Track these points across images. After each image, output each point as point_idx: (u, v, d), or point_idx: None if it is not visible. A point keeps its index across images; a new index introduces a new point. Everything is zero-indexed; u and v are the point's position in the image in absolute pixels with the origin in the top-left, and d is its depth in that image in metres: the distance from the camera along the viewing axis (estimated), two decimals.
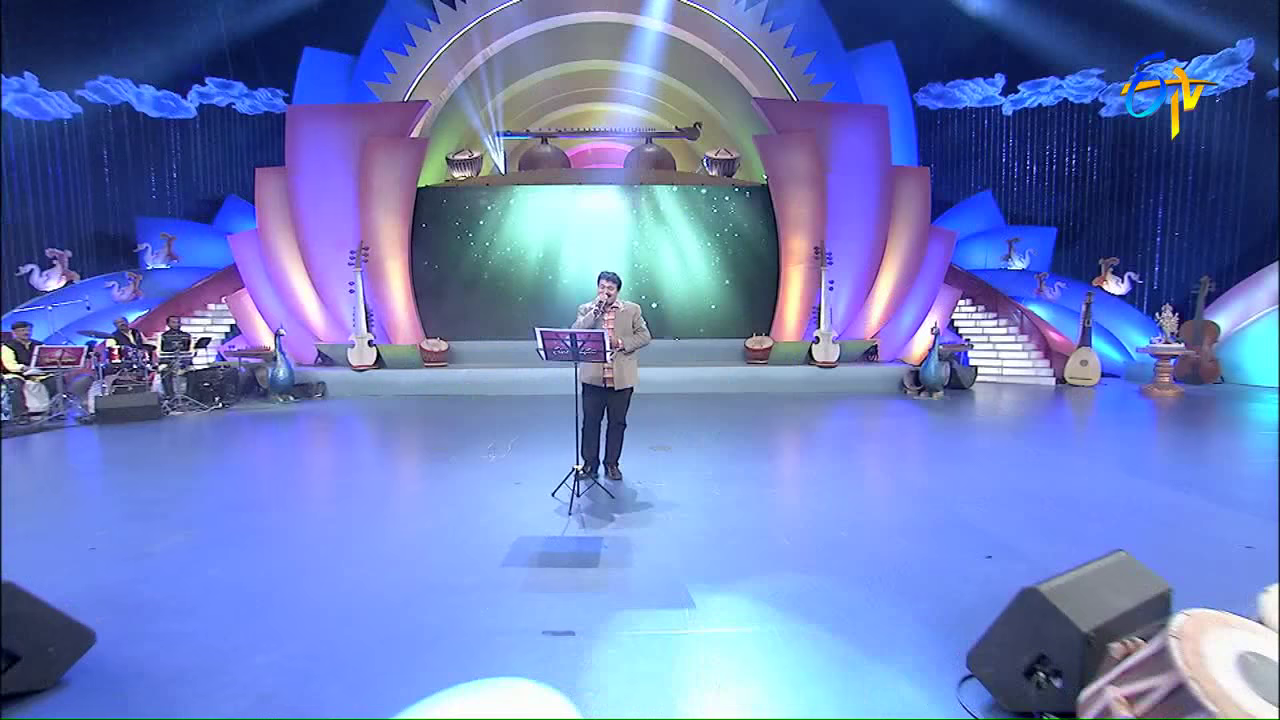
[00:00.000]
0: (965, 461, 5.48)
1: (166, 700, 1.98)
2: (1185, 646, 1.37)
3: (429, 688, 1.38)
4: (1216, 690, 1.29)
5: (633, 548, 3.33)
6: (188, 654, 2.25)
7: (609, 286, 4.36)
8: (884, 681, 2.10)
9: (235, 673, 2.15)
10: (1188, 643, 1.37)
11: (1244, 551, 3.26)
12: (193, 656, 2.24)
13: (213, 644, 2.33)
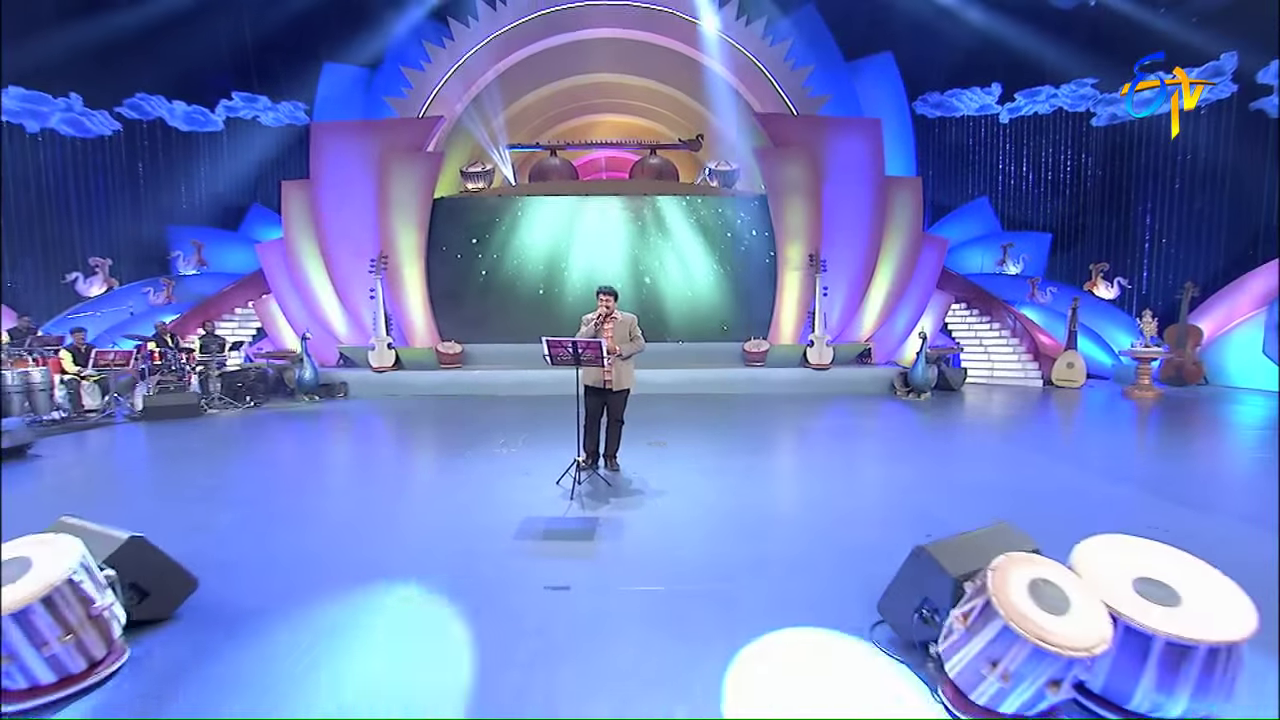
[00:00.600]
0: (934, 456, 5.99)
1: (257, 628, 2.56)
2: (995, 576, 1.89)
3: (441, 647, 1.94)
4: (1009, 603, 1.82)
5: (624, 526, 3.89)
6: (265, 598, 2.84)
7: (607, 300, 4.91)
8: (810, 628, 2.64)
9: (304, 611, 2.73)
10: (997, 574, 1.90)
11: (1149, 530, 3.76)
12: (270, 600, 2.83)
13: (283, 592, 2.92)
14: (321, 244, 10.92)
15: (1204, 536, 3.70)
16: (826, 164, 10.90)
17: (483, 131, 12.55)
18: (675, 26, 12.67)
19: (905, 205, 11.25)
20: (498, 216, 11.59)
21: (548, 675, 2.29)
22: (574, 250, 11.54)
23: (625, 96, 14.38)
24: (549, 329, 10.54)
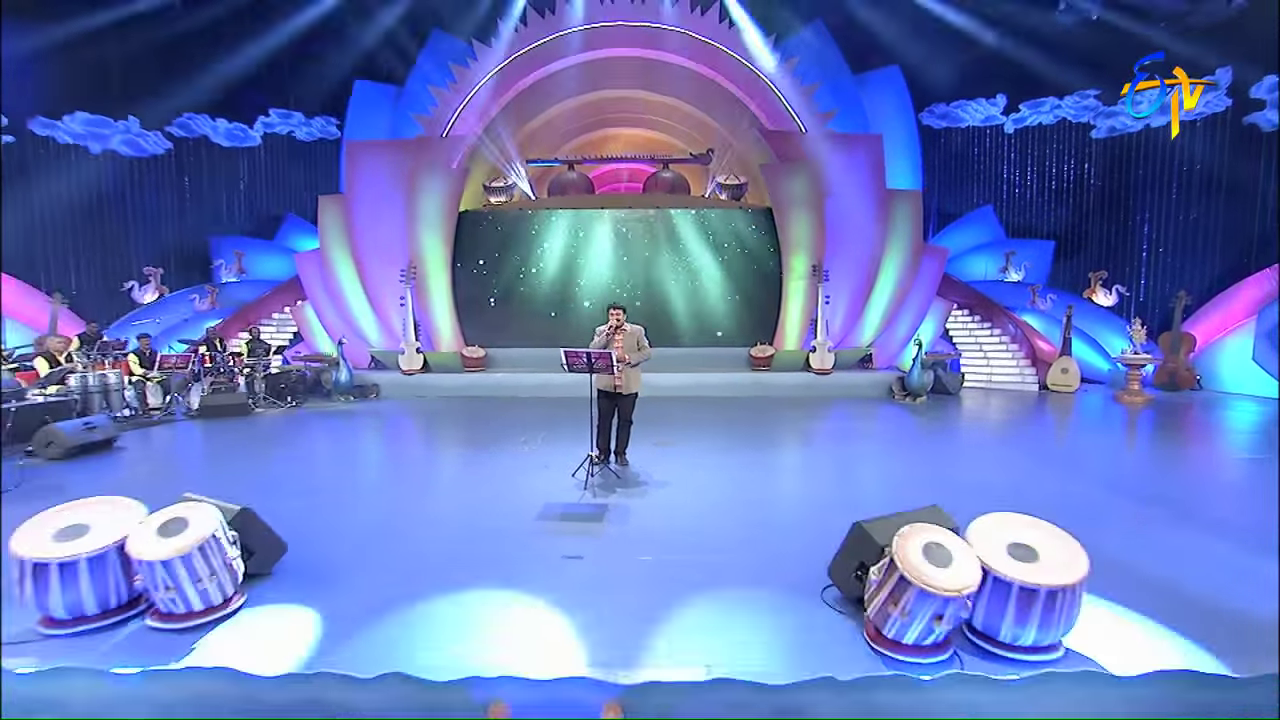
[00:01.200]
0: (918, 454, 6.57)
1: (340, 581, 3.27)
2: (899, 541, 2.51)
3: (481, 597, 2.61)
4: (906, 560, 2.43)
5: (629, 512, 4.55)
6: (342, 558, 3.55)
7: (617, 314, 5.58)
8: (776, 590, 3.28)
9: (374, 570, 3.43)
10: (901, 539, 2.52)
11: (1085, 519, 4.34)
12: (346, 559, 3.54)
13: (355, 555, 3.63)
14: (355, 254, 11.72)
15: (1122, 520, 4.28)
16: (830, 178, 11.46)
17: (503, 148, 13.27)
18: (688, 45, 13.31)
19: (906, 217, 11.76)
20: (518, 228, 12.33)
21: (564, 617, 2.96)
22: (590, 260, 12.24)
23: (640, 110, 15.01)
24: (566, 335, 11.31)
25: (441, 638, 2.79)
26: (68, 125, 12.34)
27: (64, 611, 2.65)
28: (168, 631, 2.74)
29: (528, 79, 13.54)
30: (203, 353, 10.01)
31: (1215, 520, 4.40)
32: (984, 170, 16.39)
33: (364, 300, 11.85)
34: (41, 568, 2.59)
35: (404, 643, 2.74)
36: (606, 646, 2.70)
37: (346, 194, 11.81)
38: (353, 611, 3.00)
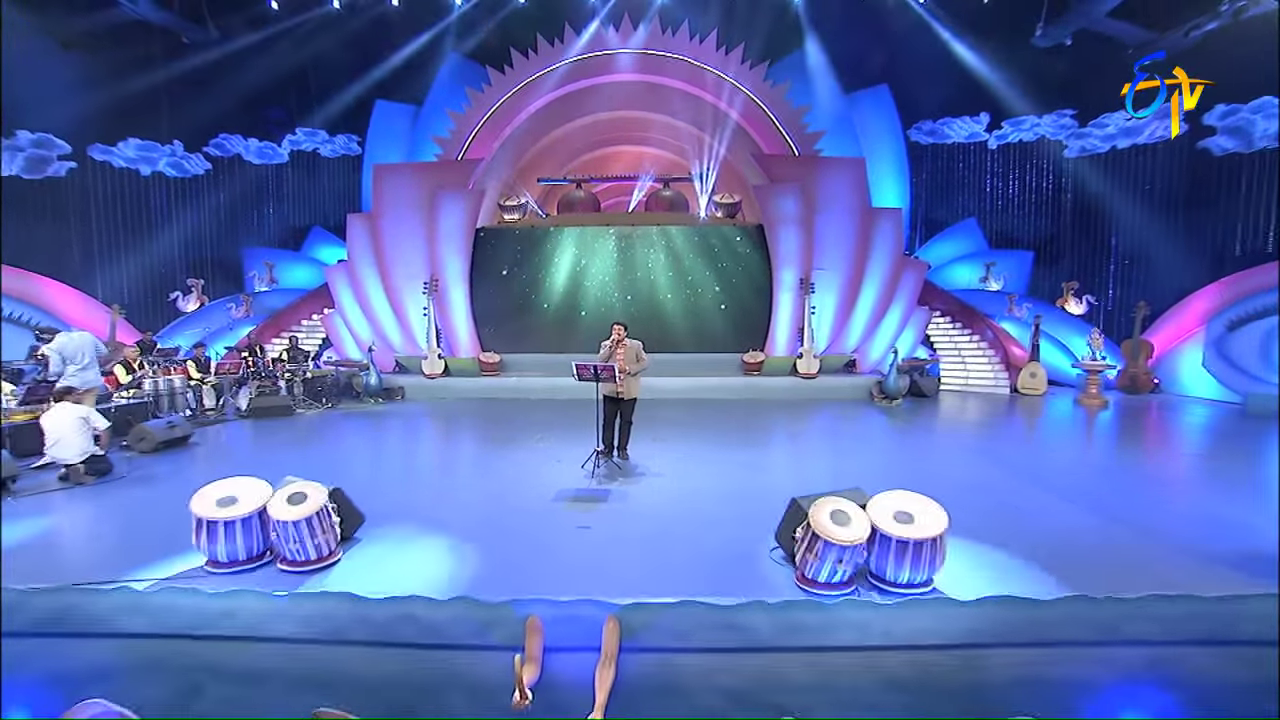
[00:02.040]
0: (881, 449, 7.59)
1: (405, 542, 4.32)
2: (814, 510, 3.53)
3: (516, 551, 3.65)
4: (817, 522, 3.45)
5: (629, 495, 5.59)
6: (403, 527, 4.61)
7: (619, 330, 6.62)
8: (738, 550, 4.30)
9: (429, 534, 4.48)
10: (816, 508, 3.53)
11: (997, 505, 5.35)
12: (407, 528, 4.59)
13: (413, 525, 4.68)
14: (381, 268, 12.81)
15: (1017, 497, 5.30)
16: (817, 197, 12.45)
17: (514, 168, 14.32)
18: (688, 71, 14.33)
19: (887, 233, 12.75)
20: (530, 244, 13.39)
21: (576, 569, 4.01)
22: (596, 273, 13.29)
23: (643, 129, 16.01)
24: (574, 342, 12.34)
25: (488, 576, 3.84)
26: (121, 150, 13.50)
27: (224, 557, 3.72)
28: (293, 573, 3.80)
29: (537, 103, 14.60)
30: (245, 358, 11.12)
31: (1094, 500, 5.41)
32: (969, 184, 17.29)
33: (389, 309, 12.94)
34: (212, 526, 3.65)
35: (461, 578, 3.80)
36: (608, 581, 3.74)
37: (373, 212, 12.90)
38: (419, 561, 4.05)
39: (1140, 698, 3.40)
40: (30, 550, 4.49)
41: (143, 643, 3.51)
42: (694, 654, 3.39)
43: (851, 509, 3.57)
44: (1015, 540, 4.47)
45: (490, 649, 3.36)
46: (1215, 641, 3.42)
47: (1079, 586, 3.66)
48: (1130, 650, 3.47)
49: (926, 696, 3.36)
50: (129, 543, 4.60)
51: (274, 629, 3.47)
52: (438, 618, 3.41)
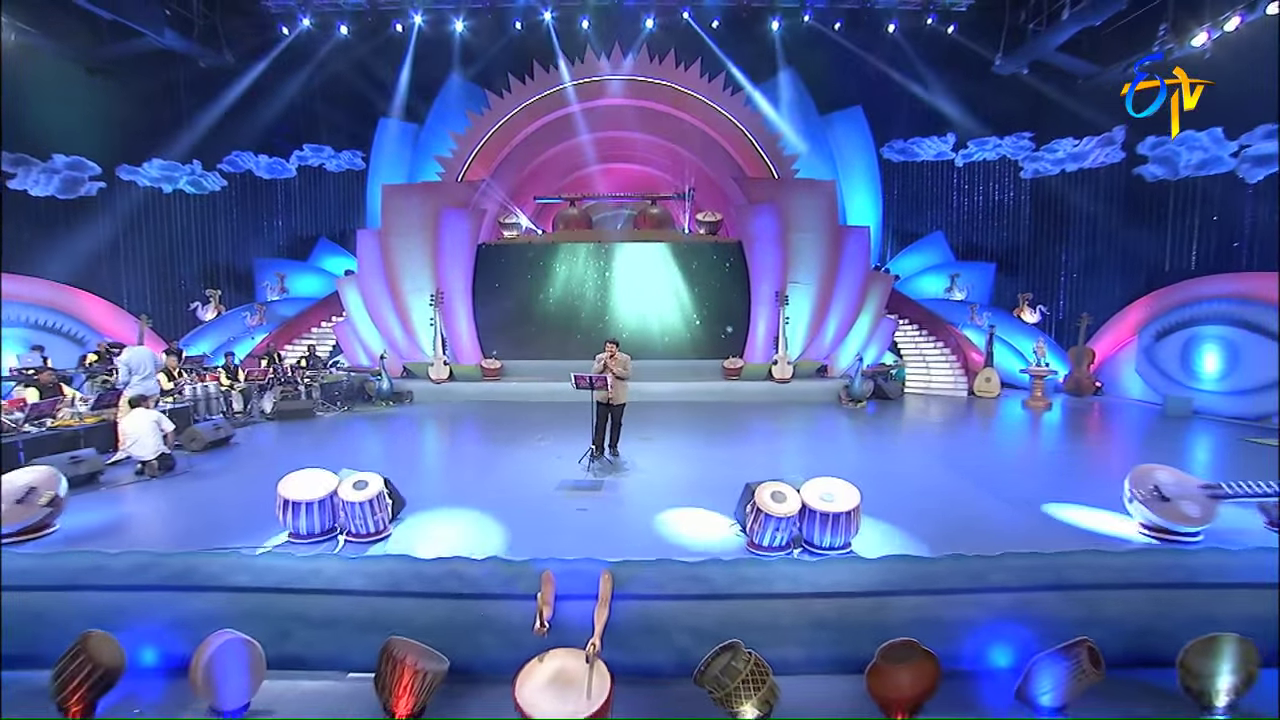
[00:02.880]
0: (838, 445, 8.73)
1: (439, 521, 5.39)
2: (758, 491, 4.63)
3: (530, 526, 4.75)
4: (760, 499, 4.56)
5: (619, 485, 6.69)
6: (436, 512, 5.68)
7: (612, 346, 7.70)
8: (705, 525, 5.41)
9: (458, 515, 5.56)
10: (759, 490, 4.63)
11: (917, 488, 6.50)
12: (438, 512, 5.67)
13: (442, 507, 5.75)
14: (389, 280, 13.82)
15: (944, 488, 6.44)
16: (791, 217, 13.60)
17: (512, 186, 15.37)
18: (673, 95, 15.46)
19: (856, 249, 13.93)
20: (528, 258, 14.46)
21: (578, 538, 5.10)
22: (588, 285, 14.38)
23: (632, 149, 17.12)
24: (569, 349, 13.40)
25: (511, 543, 4.93)
26: (146, 170, 14.43)
27: (304, 530, 4.78)
28: (356, 544, 4.87)
29: (533, 125, 15.68)
30: (264, 365, 12.12)
31: (996, 485, 6.57)
32: (937, 199, 18.54)
33: (396, 319, 13.95)
34: (295, 506, 4.71)
35: (490, 545, 4.88)
36: (602, 547, 4.84)
37: (382, 229, 13.91)
38: (455, 534, 5.13)
39: (1003, 629, 4.54)
40: (132, 528, 5.52)
41: (247, 595, 4.56)
42: (668, 600, 4.49)
43: (788, 490, 4.70)
44: (923, 515, 5.62)
45: (516, 597, 4.45)
46: (1055, 586, 4.57)
47: (958, 548, 4.80)
48: (995, 595, 4.61)
49: (845, 632, 4.49)
50: (211, 522, 5.64)
51: (348, 584, 4.54)
52: (475, 573, 4.50)
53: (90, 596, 4.62)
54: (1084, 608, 4.59)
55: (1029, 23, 15.41)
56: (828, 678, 4.43)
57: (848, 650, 4.40)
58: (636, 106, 15.75)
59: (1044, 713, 4.16)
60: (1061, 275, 15.57)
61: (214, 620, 4.48)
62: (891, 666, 4.12)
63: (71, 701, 4.08)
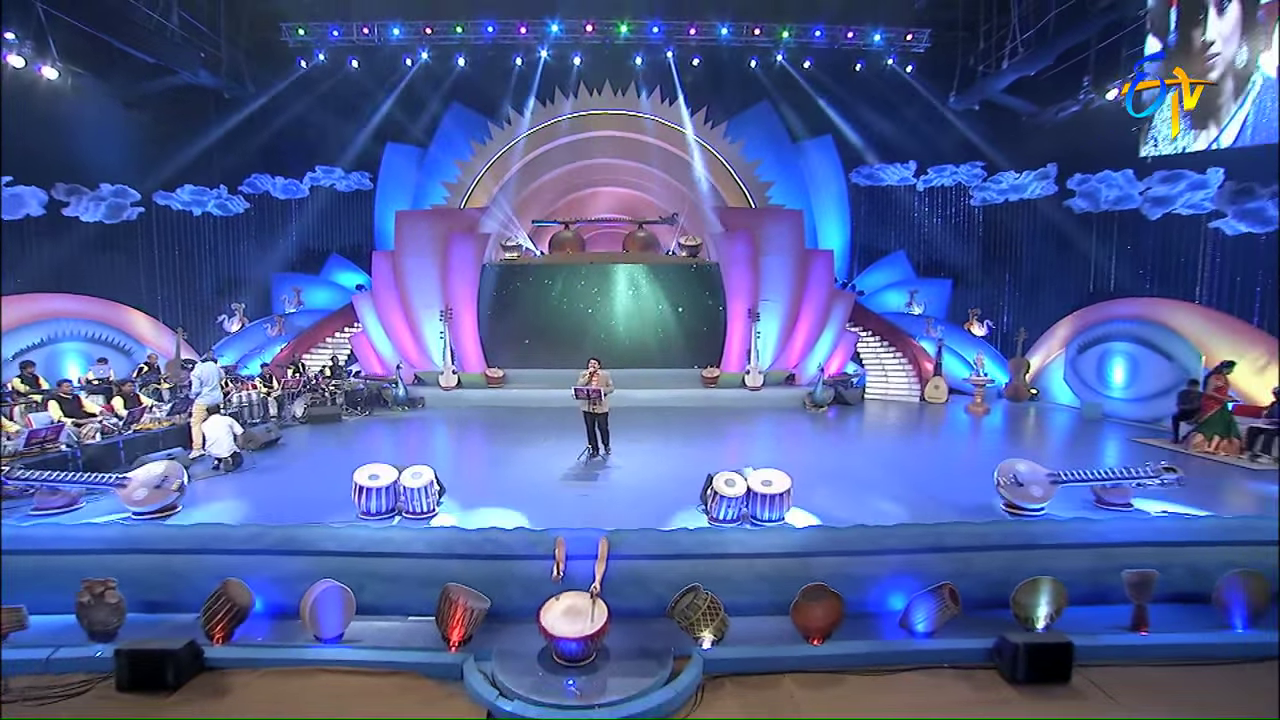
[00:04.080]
0: (797, 443, 10.36)
1: (473, 504, 6.94)
2: (716, 479, 6.22)
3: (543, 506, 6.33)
4: (718, 485, 6.15)
5: (610, 477, 8.27)
6: (468, 496, 7.22)
7: (595, 364, 9.26)
8: (678, 506, 7.00)
9: (487, 499, 7.10)
10: (717, 477, 6.22)
11: (844, 476, 8.13)
12: (470, 496, 7.21)
13: (471, 494, 7.29)
14: (402, 297, 15.29)
15: (866, 476, 8.08)
16: (763, 243, 15.25)
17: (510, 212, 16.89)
18: (659, 128, 17.07)
19: (820, 271, 15.61)
20: (527, 277, 15.99)
21: (581, 514, 6.67)
22: (581, 302, 15.94)
23: (621, 174, 18.67)
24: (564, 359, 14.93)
25: (532, 519, 6.49)
26: (179, 195, 15.80)
27: (372, 510, 6.31)
28: (413, 520, 6.40)
29: (531, 154, 17.22)
30: (291, 374, 13.56)
31: (908, 474, 8.22)
32: (900, 221, 20.28)
33: (408, 332, 15.43)
34: (366, 491, 6.23)
35: (515, 520, 6.44)
36: (600, 520, 6.42)
37: (395, 250, 15.38)
38: (485, 512, 6.68)
39: (896, 581, 6.16)
40: (232, 508, 7.02)
41: (332, 559, 6.08)
42: (649, 559, 6.08)
43: (738, 478, 6.30)
44: (844, 495, 7.25)
45: (536, 557, 6.01)
46: (935, 549, 6.21)
47: (865, 520, 6.43)
48: (890, 555, 6.24)
49: (779, 583, 6.09)
50: (289, 503, 7.13)
51: (410, 549, 6.08)
52: (506, 539, 6.06)
53: (216, 559, 6.13)
54: (957, 564, 6.23)
55: (978, 66, 17.22)
56: (765, 618, 6.02)
57: (782, 597, 5.99)
58: (625, 138, 17.32)
59: (919, 637, 5.80)
60: (1006, 293, 17.38)
61: (309, 577, 5.99)
62: (808, 604, 5.74)
63: (215, 631, 5.61)
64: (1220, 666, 5.64)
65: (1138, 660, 5.67)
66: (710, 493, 6.39)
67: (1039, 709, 5.13)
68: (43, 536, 6.07)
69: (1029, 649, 5.39)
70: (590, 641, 5.27)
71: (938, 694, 5.31)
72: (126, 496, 6.35)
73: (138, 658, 5.19)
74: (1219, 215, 11.20)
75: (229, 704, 5.17)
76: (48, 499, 6.47)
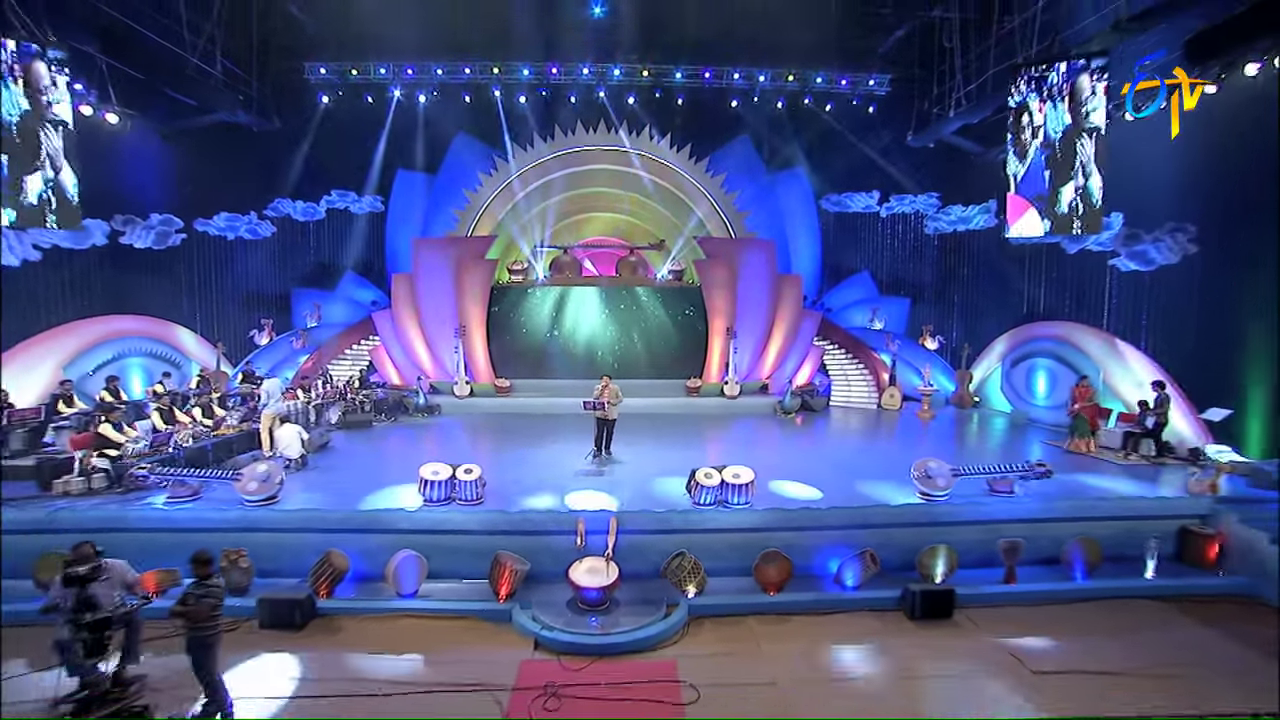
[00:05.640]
0: (768, 444, 12.38)
1: (509, 493, 8.85)
2: (699, 473, 8.16)
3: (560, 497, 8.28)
4: (698, 477, 8.12)
5: (615, 472, 10.20)
6: (502, 488, 9.13)
7: (606, 379, 11.21)
8: (670, 494, 8.96)
9: (522, 489, 9.01)
10: (698, 471, 8.16)
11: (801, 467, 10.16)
12: (504, 488, 9.11)
13: (505, 485, 9.19)
14: (419, 315, 17.08)
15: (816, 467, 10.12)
16: (740, 269, 17.28)
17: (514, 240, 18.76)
18: (647, 162, 19.03)
19: (791, 293, 17.69)
20: (532, 297, 17.88)
21: (593, 502, 8.60)
22: (580, 320, 17.86)
23: (615, 201, 20.55)
24: (565, 370, 16.77)
25: (557, 503, 8.40)
26: (215, 222, 17.46)
27: (434, 497, 8.17)
28: (464, 506, 8.28)
29: (531, 186, 19.08)
30: (322, 385, 15.28)
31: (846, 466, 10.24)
32: (865, 244, 22.32)
33: (424, 346, 17.22)
34: (429, 482, 8.10)
35: (545, 504, 8.35)
36: (608, 504, 8.35)
37: (413, 273, 17.18)
38: (520, 500, 8.58)
39: (835, 549, 8.16)
40: (310, 498, 8.83)
41: (405, 535, 7.94)
42: (647, 534, 8.03)
43: (714, 472, 8.28)
44: (797, 485, 9.27)
45: (562, 533, 7.93)
46: (863, 525, 8.23)
47: (810, 504, 8.44)
48: (832, 530, 8.25)
49: (745, 550, 8.06)
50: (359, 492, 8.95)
51: (466, 527, 7.96)
52: (539, 519, 7.97)
53: (313, 536, 7.96)
54: (880, 537, 8.26)
55: (932, 109, 19.40)
56: (734, 578, 7.99)
57: (746, 560, 7.97)
58: (616, 170, 19.26)
59: (848, 589, 7.82)
60: (955, 311, 19.62)
61: (387, 550, 7.86)
62: (766, 565, 7.73)
63: (320, 587, 7.45)
64: (1062, 605, 7.77)
65: (1005, 603, 7.78)
66: (693, 483, 8.37)
67: (927, 637, 7.21)
68: (185, 518, 7.90)
69: (923, 595, 7.47)
70: (606, 591, 7.23)
71: (858, 627, 7.37)
72: (241, 488, 8.16)
73: (276, 604, 7.05)
74: (1115, 254, 13.37)
75: (341, 638, 7.06)
76: (178, 490, 8.24)
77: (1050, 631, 7.15)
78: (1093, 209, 11.80)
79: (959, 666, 6.51)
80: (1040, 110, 12.18)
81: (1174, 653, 6.68)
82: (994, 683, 6.21)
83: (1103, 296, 14.13)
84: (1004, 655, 6.68)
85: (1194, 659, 6.53)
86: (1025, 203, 12.83)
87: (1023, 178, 12.80)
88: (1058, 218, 12.31)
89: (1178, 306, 12.32)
